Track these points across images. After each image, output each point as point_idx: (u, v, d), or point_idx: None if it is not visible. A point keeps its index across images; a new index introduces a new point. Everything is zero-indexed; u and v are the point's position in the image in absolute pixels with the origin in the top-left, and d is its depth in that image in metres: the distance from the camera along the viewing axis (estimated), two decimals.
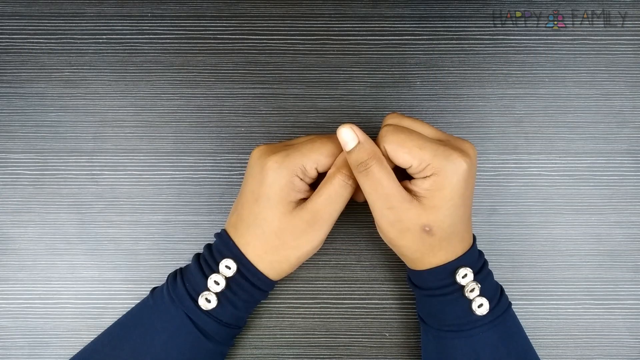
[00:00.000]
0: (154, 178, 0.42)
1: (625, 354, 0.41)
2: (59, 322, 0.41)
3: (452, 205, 0.32)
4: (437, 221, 0.33)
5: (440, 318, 0.35)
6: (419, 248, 0.34)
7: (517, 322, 0.36)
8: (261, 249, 0.34)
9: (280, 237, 0.34)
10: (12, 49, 0.42)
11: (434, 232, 0.33)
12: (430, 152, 0.32)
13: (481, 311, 0.33)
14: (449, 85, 0.42)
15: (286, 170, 0.33)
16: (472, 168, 0.33)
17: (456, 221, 0.33)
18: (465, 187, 0.32)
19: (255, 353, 0.41)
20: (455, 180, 0.32)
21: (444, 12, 0.43)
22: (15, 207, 0.41)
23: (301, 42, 0.42)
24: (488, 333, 0.34)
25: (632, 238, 0.41)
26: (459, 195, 0.32)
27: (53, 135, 0.42)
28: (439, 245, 0.33)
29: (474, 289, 0.33)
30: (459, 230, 0.34)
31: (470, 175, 0.33)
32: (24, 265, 0.41)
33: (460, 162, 0.32)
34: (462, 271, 0.33)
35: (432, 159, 0.32)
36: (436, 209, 0.32)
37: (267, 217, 0.34)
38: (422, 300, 0.36)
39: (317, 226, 0.34)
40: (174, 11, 0.42)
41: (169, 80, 0.42)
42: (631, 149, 0.42)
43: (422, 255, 0.34)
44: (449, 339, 0.34)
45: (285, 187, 0.33)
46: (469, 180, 0.33)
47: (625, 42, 0.42)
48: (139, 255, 0.41)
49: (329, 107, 0.42)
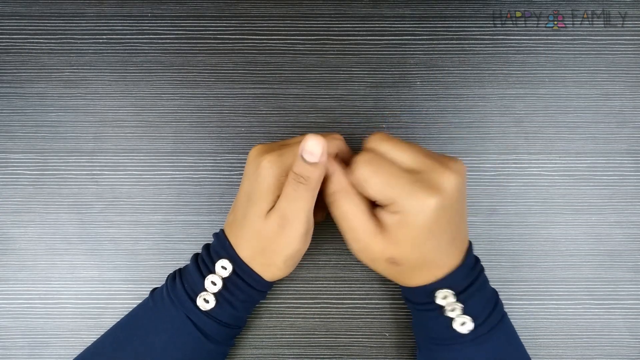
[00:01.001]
0: (154, 178, 0.42)
1: (625, 354, 0.41)
2: (59, 322, 0.41)
3: (418, 242, 0.31)
4: (402, 255, 0.32)
5: (425, 331, 0.35)
6: (391, 274, 0.34)
7: (510, 336, 0.35)
8: (250, 250, 0.34)
9: (260, 240, 0.33)
10: (12, 49, 0.42)
11: (400, 263, 0.32)
12: (396, 191, 0.31)
13: (464, 329, 0.32)
14: (449, 85, 0.42)
15: (278, 170, 0.33)
16: (445, 204, 0.31)
17: (425, 253, 0.32)
18: (435, 222, 0.31)
19: (256, 353, 0.41)
20: (420, 218, 0.30)
21: (444, 12, 0.43)
22: (16, 207, 0.41)
23: (301, 42, 0.42)
24: (471, 349, 0.33)
25: (632, 238, 0.41)
26: (426, 232, 0.31)
27: (53, 135, 0.42)
28: (411, 273, 0.33)
29: (454, 309, 0.32)
30: (431, 259, 0.32)
31: (442, 212, 0.31)
32: (24, 265, 0.41)
33: (427, 201, 0.30)
34: (441, 293, 0.32)
35: (396, 198, 0.31)
36: (400, 244, 0.32)
37: (252, 218, 0.33)
38: (411, 311, 0.37)
39: (287, 227, 0.33)
40: (174, 11, 0.42)
41: (169, 80, 0.42)
42: (631, 149, 0.42)
43: (398, 278, 0.34)
44: (439, 351, 0.34)
45: (272, 185, 0.33)
46: (441, 215, 0.31)
47: (625, 42, 0.42)
48: (139, 255, 0.41)
49: (329, 107, 0.42)
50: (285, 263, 0.34)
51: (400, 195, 0.30)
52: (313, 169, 0.32)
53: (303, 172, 0.32)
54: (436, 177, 0.31)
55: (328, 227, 0.39)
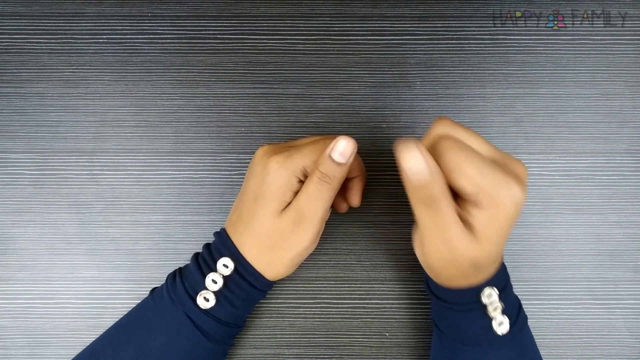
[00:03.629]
0: (154, 178, 0.42)
1: (625, 354, 0.41)
2: (59, 322, 0.41)
3: (503, 237, 0.30)
4: (486, 255, 0.30)
5: (458, 331, 0.34)
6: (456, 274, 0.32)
7: (532, 337, 0.35)
8: (255, 249, 0.34)
9: (271, 238, 0.34)
10: (12, 49, 0.42)
11: (482, 265, 0.31)
12: (489, 180, 0.28)
13: (501, 330, 0.32)
14: (449, 85, 0.42)
15: (287, 171, 0.33)
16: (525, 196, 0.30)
17: (500, 250, 0.31)
18: (515, 217, 0.30)
19: (255, 353, 0.41)
20: (512, 211, 0.29)
21: (444, 12, 0.43)
22: (16, 207, 0.41)
23: (301, 42, 0.42)
24: (505, 350, 0.32)
25: (632, 238, 0.41)
26: (511, 225, 0.30)
27: (53, 135, 0.42)
28: (476, 273, 0.32)
29: (497, 308, 0.32)
30: (499, 257, 0.32)
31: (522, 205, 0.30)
32: (24, 265, 0.41)
33: (518, 191, 0.29)
34: (488, 291, 0.32)
35: (488, 187, 0.28)
36: (489, 242, 0.30)
37: (261, 217, 0.34)
38: (439, 309, 0.35)
39: (303, 225, 0.33)
40: (174, 11, 0.42)
41: (169, 80, 0.42)
42: (631, 148, 0.42)
43: (455, 279, 0.32)
44: (465, 352, 0.33)
45: (283, 187, 0.33)
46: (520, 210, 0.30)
47: (625, 42, 0.42)
48: (139, 255, 0.41)
49: (329, 107, 0.42)
50: (292, 261, 0.34)
51: (493, 184, 0.28)
52: (340, 169, 0.32)
53: (330, 171, 0.32)
54: (516, 167, 0.30)
55: (328, 227, 0.39)
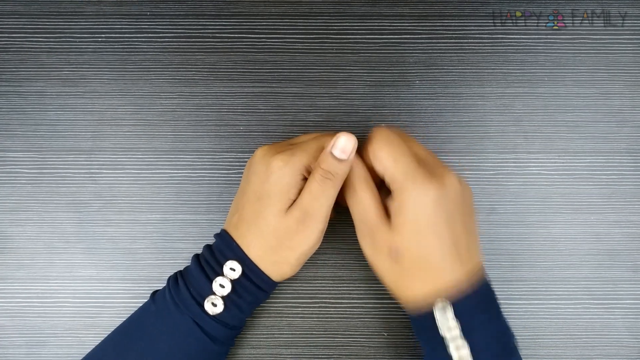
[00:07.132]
0: (153, 177, 0.42)
1: (625, 354, 0.40)
2: (56, 320, 0.41)
3: (417, 233, 0.31)
4: (402, 245, 0.31)
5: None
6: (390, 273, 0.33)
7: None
8: (261, 250, 0.34)
9: (276, 237, 0.33)
10: (11, 48, 0.42)
11: (400, 254, 0.32)
12: (402, 171, 0.32)
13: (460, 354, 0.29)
14: (448, 84, 0.42)
15: (292, 170, 0.33)
16: (444, 199, 0.31)
17: (425, 248, 0.31)
18: (433, 214, 0.30)
19: (254, 353, 0.41)
20: (418, 206, 0.31)
21: (444, 11, 0.43)
22: (14, 205, 0.41)
23: (300, 41, 0.42)
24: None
25: (631, 237, 0.41)
26: (425, 224, 0.31)
27: (52, 133, 0.42)
28: (410, 274, 0.32)
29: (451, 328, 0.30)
30: (432, 260, 0.31)
31: (440, 206, 0.31)
32: (22, 264, 0.41)
33: (427, 188, 0.31)
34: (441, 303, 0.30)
35: (399, 177, 0.31)
36: (401, 233, 0.32)
37: (267, 217, 0.33)
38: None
39: (308, 223, 0.33)
40: (173, 10, 0.42)
41: (167, 79, 0.42)
42: (630, 148, 0.42)
43: (397, 282, 0.33)
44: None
45: (287, 185, 0.33)
46: (439, 210, 0.31)
47: (625, 41, 0.42)
48: (137, 254, 0.41)
49: (327, 106, 0.42)
50: (298, 260, 0.34)
51: (404, 175, 0.31)
52: (342, 166, 0.33)
53: (331, 168, 0.32)
54: (440, 171, 0.32)
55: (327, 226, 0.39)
